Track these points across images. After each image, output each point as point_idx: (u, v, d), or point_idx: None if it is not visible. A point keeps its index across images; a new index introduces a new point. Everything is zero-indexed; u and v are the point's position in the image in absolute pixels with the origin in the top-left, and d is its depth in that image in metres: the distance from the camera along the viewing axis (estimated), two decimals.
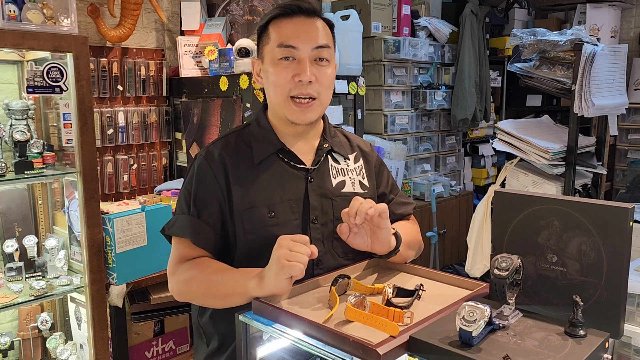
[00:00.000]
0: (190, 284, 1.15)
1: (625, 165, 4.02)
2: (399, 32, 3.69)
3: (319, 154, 1.28)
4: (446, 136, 4.16)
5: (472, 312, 0.83)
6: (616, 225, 0.91)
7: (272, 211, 1.19)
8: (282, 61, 1.17)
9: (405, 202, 1.41)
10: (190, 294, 1.18)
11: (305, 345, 0.92)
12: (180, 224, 1.21)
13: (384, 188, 1.38)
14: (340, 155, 1.31)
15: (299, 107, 1.19)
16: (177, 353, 2.60)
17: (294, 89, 1.18)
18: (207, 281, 1.13)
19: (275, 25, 1.20)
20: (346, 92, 2.73)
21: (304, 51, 1.17)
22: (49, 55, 2.09)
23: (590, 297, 0.93)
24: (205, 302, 1.19)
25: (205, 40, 2.63)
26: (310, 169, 1.25)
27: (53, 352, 2.29)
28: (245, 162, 1.22)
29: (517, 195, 1.04)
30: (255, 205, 1.19)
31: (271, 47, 1.19)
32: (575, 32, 2.52)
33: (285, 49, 1.17)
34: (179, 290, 1.19)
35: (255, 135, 1.26)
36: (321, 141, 1.30)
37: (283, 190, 1.21)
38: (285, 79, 1.17)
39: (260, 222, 1.19)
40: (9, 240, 2.19)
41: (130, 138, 2.65)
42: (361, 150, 1.37)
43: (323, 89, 1.21)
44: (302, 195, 1.22)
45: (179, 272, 1.18)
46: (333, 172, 1.28)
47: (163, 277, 2.26)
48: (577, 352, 0.82)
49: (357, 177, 1.32)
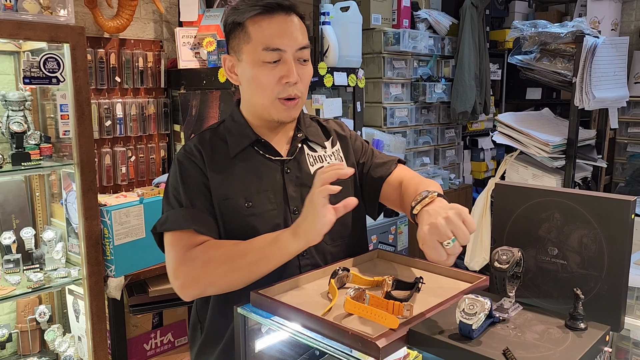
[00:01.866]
0: (208, 265, 1.10)
1: (625, 159, 4.02)
2: (398, 24, 3.67)
3: (294, 144, 1.27)
4: (446, 129, 4.15)
5: (472, 305, 0.82)
6: (618, 218, 0.90)
7: (249, 201, 1.18)
8: (267, 64, 1.16)
9: (383, 161, 1.34)
10: (208, 277, 1.10)
11: (304, 338, 0.92)
12: (175, 219, 1.17)
13: (361, 158, 1.36)
14: (316, 144, 1.31)
15: (286, 106, 1.20)
16: (175, 345, 2.60)
17: (282, 91, 1.18)
18: (229, 255, 1.09)
19: (256, 25, 1.17)
20: (345, 84, 2.72)
21: (289, 52, 1.16)
22: (45, 46, 2.07)
23: (590, 290, 0.93)
24: (226, 282, 1.11)
25: (203, 32, 2.61)
26: (285, 160, 1.25)
27: (51, 344, 2.29)
28: (221, 156, 1.22)
29: (518, 187, 1.03)
30: (230, 197, 1.18)
31: (253, 48, 1.17)
32: (576, 24, 2.50)
33: (272, 52, 1.15)
34: (194, 276, 1.11)
35: (230, 129, 1.26)
36: (295, 131, 1.30)
37: (260, 181, 1.21)
38: (272, 82, 1.17)
39: (237, 212, 1.18)
40: (6, 232, 2.18)
41: (128, 130, 2.63)
42: (337, 134, 1.36)
43: (304, 88, 1.22)
44: (280, 186, 1.22)
45: (192, 258, 1.12)
46: (310, 160, 1.28)
47: (161, 269, 2.26)
48: (577, 345, 0.81)
49: (336, 161, 1.31)
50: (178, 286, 1.14)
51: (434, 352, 0.83)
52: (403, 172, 1.32)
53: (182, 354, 2.56)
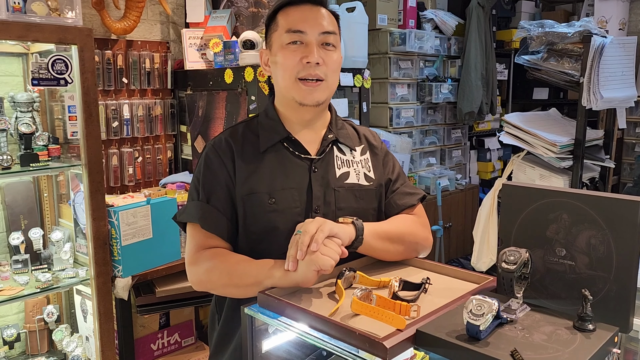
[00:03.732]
0: (211, 274, 1.17)
1: (633, 159, 3.99)
2: (404, 25, 3.66)
3: (324, 144, 1.28)
4: (452, 129, 4.14)
5: (479, 306, 0.82)
6: (626, 219, 0.90)
7: (272, 197, 1.19)
8: (290, 45, 1.21)
9: (411, 192, 1.36)
10: (210, 284, 1.19)
11: (311, 339, 0.92)
12: (189, 210, 1.23)
13: (389, 175, 1.36)
14: (347, 147, 1.31)
15: (307, 87, 1.21)
16: (182, 346, 2.60)
17: (302, 70, 1.20)
18: (229, 272, 1.14)
19: (284, 14, 1.23)
20: (351, 84, 2.71)
21: (311, 35, 1.20)
22: (53, 48, 2.09)
23: (599, 291, 0.92)
24: (225, 292, 1.21)
25: (210, 33, 2.62)
26: (314, 159, 1.25)
27: (59, 344, 2.30)
28: (251, 150, 1.24)
29: (526, 188, 1.02)
30: (255, 192, 1.20)
31: (279, 34, 1.22)
32: (584, 23, 2.49)
33: (293, 34, 1.20)
34: (199, 280, 1.20)
35: (262, 125, 1.29)
36: (327, 132, 1.30)
37: (286, 178, 1.22)
38: (293, 62, 1.20)
39: (260, 208, 1.19)
40: (14, 232, 2.20)
41: (135, 131, 2.64)
42: (368, 143, 1.37)
43: (330, 72, 1.23)
44: (305, 185, 1.22)
45: (199, 262, 1.19)
46: (338, 163, 1.28)
47: (169, 269, 2.27)
48: (586, 346, 0.81)
49: (363, 169, 1.31)
50: (189, 280, 1.23)
51: (441, 353, 0.83)
52: (415, 210, 1.35)
53: (189, 354, 2.57)
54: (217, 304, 1.32)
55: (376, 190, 1.31)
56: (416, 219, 1.32)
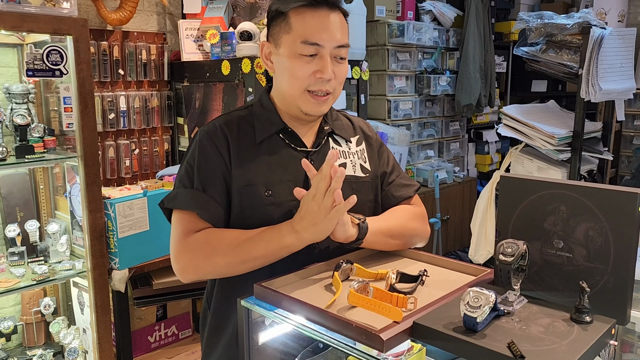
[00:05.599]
0: (212, 256, 1.12)
1: (631, 152, 3.99)
2: (403, 16, 3.64)
3: (320, 136, 1.27)
4: (450, 122, 4.13)
5: (476, 298, 0.82)
6: (624, 211, 0.89)
7: (269, 190, 1.18)
8: (304, 57, 1.16)
9: (407, 184, 1.36)
10: (210, 266, 1.13)
11: (308, 331, 0.92)
12: (183, 197, 1.18)
13: (384, 167, 1.36)
14: (342, 138, 1.31)
15: (316, 100, 1.19)
16: (179, 338, 2.61)
17: (313, 84, 1.17)
18: (234, 248, 1.11)
19: (298, 16, 1.16)
20: (349, 76, 2.70)
21: (327, 48, 1.16)
22: (48, 38, 2.07)
23: (596, 283, 0.92)
24: (231, 272, 1.13)
25: (207, 24, 2.60)
26: (310, 151, 1.25)
27: (56, 336, 2.30)
28: (247, 141, 1.22)
29: (523, 180, 1.02)
30: (252, 183, 1.18)
31: (293, 40, 1.16)
32: (583, 15, 2.48)
33: (310, 47, 1.15)
34: (196, 265, 1.13)
35: (258, 115, 1.26)
36: (322, 124, 1.29)
37: (283, 171, 1.21)
38: (305, 74, 1.16)
39: (256, 200, 1.18)
40: (10, 224, 2.19)
41: (132, 123, 2.63)
42: (364, 134, 1.36)
43: (338, 85, 1.22)
44: (302, 177, 1.21)
45: (192, 246, 1.14)
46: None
47: (165, 262, 2.26)
48: (583, 338, 0.81)
49: (359, 160, 1.30)
50: (178, 269, 1.16)
51: (438, 345, 0.83)
52: (413, 201, 1.36)
53: (186, 346, 2.57)
54: (208, 299, 1.30)
55: (372, 182, 1.30)
56: (416, 212, 1.33)
